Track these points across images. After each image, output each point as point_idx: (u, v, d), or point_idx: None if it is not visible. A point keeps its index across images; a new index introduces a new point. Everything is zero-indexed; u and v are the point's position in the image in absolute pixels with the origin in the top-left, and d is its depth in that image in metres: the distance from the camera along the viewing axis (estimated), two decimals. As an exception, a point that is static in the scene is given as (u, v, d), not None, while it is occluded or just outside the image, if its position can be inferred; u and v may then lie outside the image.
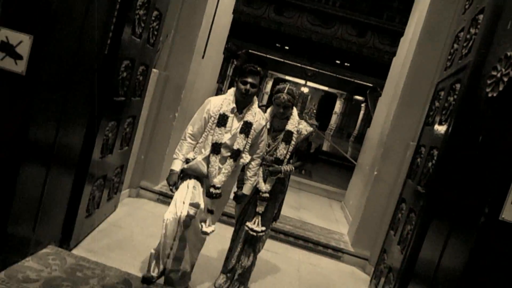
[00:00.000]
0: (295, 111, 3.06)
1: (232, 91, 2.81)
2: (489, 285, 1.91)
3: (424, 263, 2.53)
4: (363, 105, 27.54)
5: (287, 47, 20.24)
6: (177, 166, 2.75)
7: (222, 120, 2.70)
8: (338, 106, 31.95)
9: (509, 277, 1.87)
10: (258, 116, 2.80)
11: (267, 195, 2.95)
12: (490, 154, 1.97)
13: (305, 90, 29.52)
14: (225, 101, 2.75)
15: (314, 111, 31.58)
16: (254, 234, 2.93)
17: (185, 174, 2.77)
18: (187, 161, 2.74)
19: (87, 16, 2.38)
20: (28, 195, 2.38)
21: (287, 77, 27.13)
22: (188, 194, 2.65)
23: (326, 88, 30.80)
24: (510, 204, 1.78)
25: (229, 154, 2.72)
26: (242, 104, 2.76)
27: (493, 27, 2.36)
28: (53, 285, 2.30)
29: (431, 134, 3.07)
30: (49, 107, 2.32)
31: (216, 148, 2.69)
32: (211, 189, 2.70)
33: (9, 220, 2.24)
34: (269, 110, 3.09)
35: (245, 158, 2.78)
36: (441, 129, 2.79)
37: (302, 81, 27.78)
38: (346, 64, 20.10)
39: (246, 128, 2.73)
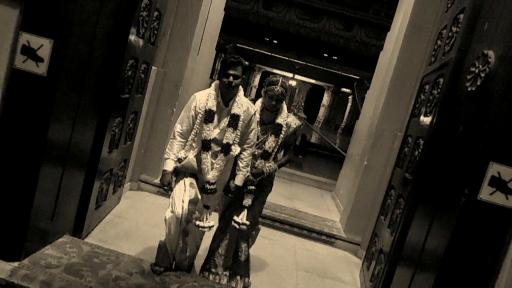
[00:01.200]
0: (284, 105, 3.07)
1: (215, 85, 2.80)
2: (469, 263, 2.14)
3: (411, 246, 2.76)
4: (350, 97, 27.91)
5: (275, 41, 20.43)
6: (170, 166, 2.74)
7: (209, 116, 2.69)
8: (325, 99, 32.29)
9: (487, 254, 2.10)
10: (245, 106, 2.77)
11: (253, 187, 2.92)
12: (470, 142, 2.21)
13: (293, 83, 29.77)
14: (210, 96, 2.73)
15: (302, 104, 31.88)
16: (243, 227, 2.86)
17: (179, 172, 2.78)
18: (179, 160, 2.74)
19: (98, 20, 2.55)
20: (47, 191, 2.55)
21: (275, 71, 27.35)
22: (186, 192, 2.67)
23: (313, 81, 31.10)
24: (486, 186, 2.02)
25: (219, 149, 2.72)
26: (227, 96, 2.74)
27: (472, 26, 2.59)
28: (74, 270, 2.49)
29: (417, 125, 3.31)
30: (66, 107, 2.49)
31: (205, 145, 2.70)
32: (206, 185, 2.71)
33: (31, 214, 2.40)
34: (258, 102, 3.08)
35: (234, 150, 2.75)
36: (426, 120, 3.02)
37: (290, 74, 28.02)
38: (333, 57, 20.37)
39: (234, 121, 2.71)
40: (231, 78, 2.66)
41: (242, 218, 2.87)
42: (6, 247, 2.38)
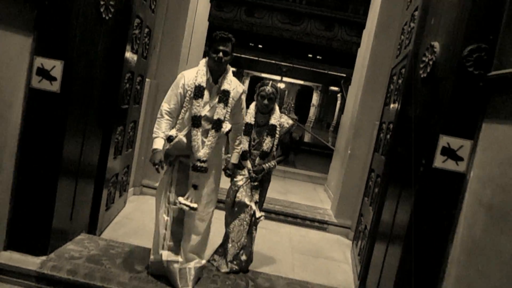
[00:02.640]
0: (276, 106, 3.28)
1: (204, 61, 2.75)
2: (429, 226, 2.47)
3: (384, 222, 3.13)
4: (339, 95, 28.40)
5: (260, 46, 20.89)
6: (159, 144, 2.66)
7: (198, 92, 2.63)
8: (315, 98, 32.78)
9: (445, 214, 2.46)
10: (234, 84, 2.76)
11: (257, 183, 3.24)
12: (424, 120, 2.60)
13: (282, 85, 30.20)
14: (199, 72, 2.68)
15: (293, 105, 32.32)
16: (260, 220, 3.23)
17: (167, 167, 2.75)
18: (169, 139, 2.67)
19: (99, 41, 2.92)
20: (64, 197, 2.91)
21: (263, 74, 27.79)
22: (173, 183, 2.72)
23: (302, 82, 31.56)
24: (439, 155, 2.40)
25: (210, 126, 2.67)
26: (216, 73, 2.69)
27: (423, 22, 2.99)
28: (94, 260, 2.85)
29: (388, 112, 3.70)
30: (77, 121, 2.85)
31: (196, 121, 2.63)
32: (197, 163, 2.64)
33: (53, 217, 2.77)
34: (251, 106, 3.27)
35: (225, 126, 2.72)
36: (394, 107, 3.42)
37: (277, 77, 28.47)
38: (318, 57, 20.87)
39: (224, 96, 2.67)
40: (220, 54, 2.60)
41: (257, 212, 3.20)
42: (35, 244, 2.74)
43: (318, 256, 4.17)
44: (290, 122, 3.37)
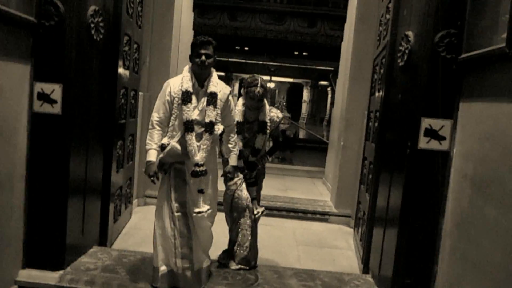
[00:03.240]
0: (265, 101, 3.23)
1: (187, 67, 2.77)
2: (420, 207, 2.63)
3: (380, 206, 3.28)
4: (329, 89, 28.61)
5: (246, 48, 21.07)
6: (153, 155, 2.69)
7: (186, 97, 2.65)
8: (306, 95, 32.99)
9: (434, 192, 2.62)
10: (220, 86, 2.77)
11: (253, 179, 3.27)
12: (406, 105, 2.77)
13: (272, 85, 30.36)
14: (184, 79, 2.70)
15: (284, 103, 32.49)
16: (259, 216, 3.30)
17: (163, 177, 2.77)
18: (162, 147, 2.69)
19: (93, 61, 3.07)
20: (75, 214, 3.05)
21: (252, 76, 27.88)
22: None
23: (291, 80, 31.76)
24: (423, 137, 2.57)
25: (203, 129, 2.69)
26: (201, 77, 2.72)
27: (397, 13, 3.16)
28: (109, 269, 2.98)
29: (375, 101, 3.87)
30: (80, 140, 2.99)
31: (188, 125, 2.65)
32: (195, 168, 2.65)
33: (66, 233, 2.92)
34: (240, 101, 3.24)
35: (218, 128, 2.74)
36: (379, 95, 3.58)
37: (267, 77, 28.65)
38: (304, 53, 21.09)
39: (212, 99, 2.69)
40: (203, 57, 2.63)
41: (255, 208, 3.26)
42: (51, 260, 2.87)
43: (322, 246, 4.33)
44: (280, 115, 3.36)
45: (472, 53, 2.29)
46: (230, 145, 2.96)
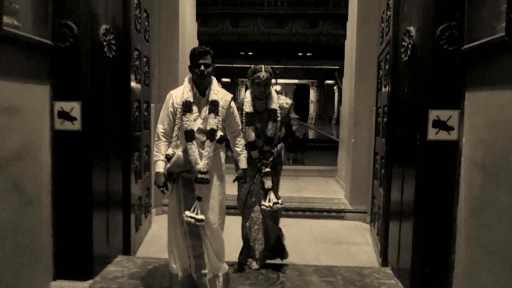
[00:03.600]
0: (272, 90, 3.24)
1: (188, 78, 2.82)
2: (434, 197, 2.70)
3: (394, 199, 3.35)
4: (335, 87, 28.61)
5: (250, 53, 21.22)
6: (161, 167, 2.73)
7: (186, 107, 2.69)
8: (312, 95, 33.01)
9: (446, 182, 2.68)
10: (221, 93, 2.80)
11: (269, 169, 3.19)
12: (413, 99, 2.84)
13: (278, 87, 30.46)
14: (185, 89, 2.75)
15: (292, 105, 32.42)
16: (276, 207, 3.15)
17: (172, 187, 2.78)
18: (167, 157, 2.73)
19: (107, 77, 3.20)
20: (100, 226, 3.18)
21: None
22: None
23: (297, 81, 31.81)
24: (431, 128, 2.64)
25: (205, 137, 2.71)
26: (202, 86, 2.74)
27: (398, 9, 3.24)
28: (136, 276, 3.10)
29: (382, 97, 3.94)
30: (100, 154, 3.12)
31: (188, 135, 2.68)
32: (198, 175, 2.67)
33: (93, 245, 3.05)
34: (247, 94, 3.26)
35: (218, 135, 2.73)
36: (385, 90, 3.65)
37: (272, 80, 28.71)
38: (308, 54, 21.16)
39: (214, 107, 2.72)
40: (202, 67, 2.66)
41: (270, 199, 3.15)
42: (80, 271, 2.99)
43: (340, 242, 4.39)
44: (289, 101, 3.34)
45: (473, 43, 2.36)
46: (237, 149, 2.99)
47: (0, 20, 2.19)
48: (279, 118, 3.20)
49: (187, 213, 2.66)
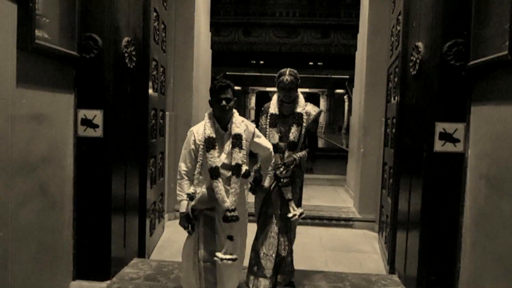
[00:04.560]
0: (300, 95, 3.13)
1: (208, 114, 2.74)
2: (440, 207, 2.79)
3: (402, 208, 3.44)
4: (345, 97, 28.66)
5: (262, 62, 21.44)
6: (185, 207, 2.65)
7: (209, 144, 2.61)
8: (322, 104, 33.07)
9: (452, 192, 2.77)
10: (243, 125, 2.72)
11: (288, 179, 3.01)
12: (420, 111, 2.95)
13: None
14: (206, 125, 2.67)
15: (301, 114, 32.44)
16: (295, 219, 3.02)
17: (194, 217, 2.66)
18: (190, 197, 2.65)
19: (127, 87, 3.36)
20: (118, 229, 3.33)
21: (268, 88, 28.29)
22: (200, 238, 2.65)
23: (307, 90, 31.87)
24: (438, 140, 2.74)
25: (230, 173, 2.64)
26: (224, 121, 2.68)
27: (407, 25, 3.36)
28: (151, 278, 3.23)
29: (391, 108, 4.04)
30: (119, 160, 3.27)
31: (213, 172, 2.60)
32: (227, 213, 2.57)
33: (111, 247, 3.19)
34: (274, 97, 3.20)
35: (244, 169, 2.67)
36: (394, 102, 3.76)
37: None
38: (319, 63, 21.30)
39: (237, 140, 2.65)
40: (224, 102, 2.59)
41: (292, 210, 3.01)
42: (99, 272, 3.14)
43: (348, 250, 4.48)
44: (317, 109, 3.20)
45: (478, 60, 2.47)
46: (267, 169, 3.01)
47: (33, 35, 2.36)
48: (304, 124, 3.07)
49: (219, 255, 2.58)
